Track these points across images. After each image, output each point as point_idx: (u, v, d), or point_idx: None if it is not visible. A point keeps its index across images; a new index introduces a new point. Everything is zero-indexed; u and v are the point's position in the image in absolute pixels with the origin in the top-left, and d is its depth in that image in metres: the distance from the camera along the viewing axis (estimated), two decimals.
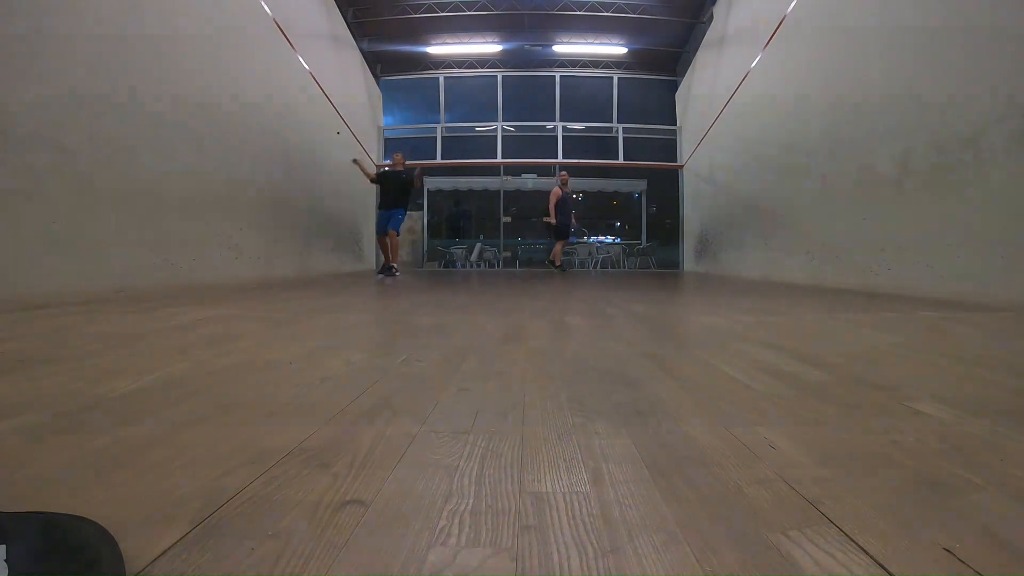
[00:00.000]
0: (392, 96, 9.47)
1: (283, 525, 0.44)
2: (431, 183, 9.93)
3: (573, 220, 6.93)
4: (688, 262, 8.55)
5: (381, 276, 5.48)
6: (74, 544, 0.36)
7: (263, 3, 4.50)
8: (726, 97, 6.26)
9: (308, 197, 5.68)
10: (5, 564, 0.30)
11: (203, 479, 0.52)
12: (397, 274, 5.54)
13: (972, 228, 2.80)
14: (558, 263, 6.84)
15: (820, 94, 4.32)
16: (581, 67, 9.41)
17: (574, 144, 9.37)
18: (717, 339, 1.50)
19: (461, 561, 0.39)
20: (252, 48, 4.47)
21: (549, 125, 9.39)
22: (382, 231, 5.59)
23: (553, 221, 6.57)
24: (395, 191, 5.59)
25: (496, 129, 9.29)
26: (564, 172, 6.90)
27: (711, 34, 7.44)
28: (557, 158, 9.28)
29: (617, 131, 9.26)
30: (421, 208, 9.77)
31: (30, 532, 0.35)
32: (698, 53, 7.96)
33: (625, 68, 9.37)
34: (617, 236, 10.78)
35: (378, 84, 9.13)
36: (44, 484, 0.52)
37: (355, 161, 6.06)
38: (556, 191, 6.55)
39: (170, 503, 0.47)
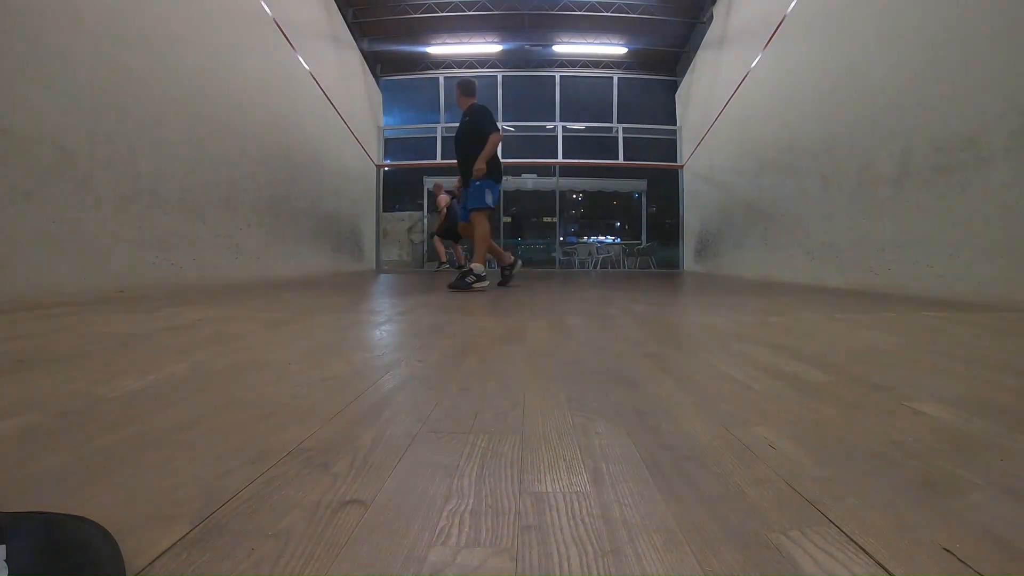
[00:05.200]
0: (392, 96, 9.47)
1: (283, 525, 0.44)
2: (431, 183, 9.93)
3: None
4: (688, 262, 8.55)
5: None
6: (74, 544, 0.36)
7: (263, 3, 4.50)
8: (726, 97, 6.26)
9: (308, 197, 5.68)
10: (5, 564, 0.30)
11: (203, 479, 0.52)
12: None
13: (972, 228, 2.80)
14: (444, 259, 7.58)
15: (820, 94, 4.32)
16: (581, 67, 9.40)
17: (574, 144, 9.37)
18: (717, 339, 1.50)
19: (461, 561, 0.39)
20: (252, 48, 4.47)
21: (549, 125, 9.39)
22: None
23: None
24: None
25: None
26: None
27: (711, 34, 7.44)
28: (557, 158, 9.28)
29: (617, 131, 9.26)
30: (421, 208, 9.78)
31: (30, 532, 0.35)
32: (698, 53, 7.96)
33: (625, 68, 9.37)
34: (617, 236, 10.79)
35: (378, 84, 9.13)
36: (44, 484, 0.52)
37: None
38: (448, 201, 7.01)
39: (170, 503, 0.47)
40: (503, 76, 9.35)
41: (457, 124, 3.69)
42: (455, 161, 3.76)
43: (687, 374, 1.03)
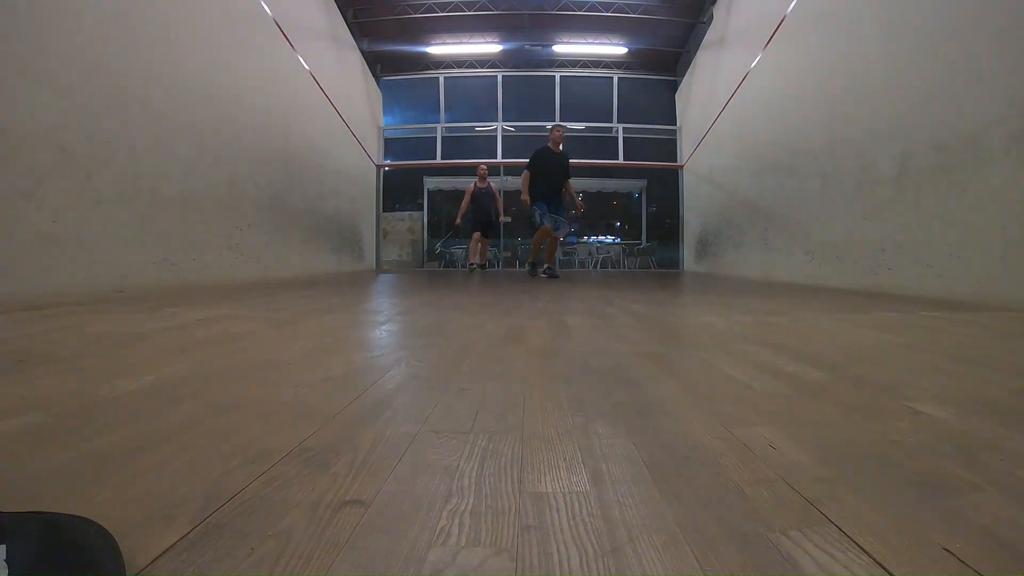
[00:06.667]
0: (392, 96, 9.47)
1: (283, 525, 0.44)
2: (431, 183, 9.93)
3: (495, 215, 6.86)
4: (688, 262, 8.55)
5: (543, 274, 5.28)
6: (74, 544, 0.36)
7: (263, 3, 4.50)
8: (726, 97, 6.26)
9: (308, 197, 5.68)
10: (5, 564, 0.30)
11: (203, 479, 0.52)
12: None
13: (972, 228, 2.80)
14: (471, 260, 6.88)
15: (820, 94, 4.32)
16: (581, 67, 9.40)
17: (574, 144, 9.36)
18: (717, 339, 1.50)
19: (461, 561, 0.39)
20: (252, 48, 4.47)
21: (549, 125, 9.37)
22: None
23: (458, 221, 6.73)
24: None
25: (496, 129, 9.28)
26: (483, 166, 6.85)
27: (711, 34, 7.44)
28: None
29: (617, 131, 9.26)
30: (421, 208, 9.78)
31: (30, 532, 0.35)
32: (698, 53, 7.96)
33: (625, 68, 9.37)
34: (617, 236, 10.79)
35: (378, 84, 9.12)
36: (44, 484, 0.52)
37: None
38: (471, 187, 6.65)
39: (170, 503, 0.47)
40: (503, 76, 9.34)
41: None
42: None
43: (687, 374, 1.03)
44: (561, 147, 5.24)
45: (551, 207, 5.15)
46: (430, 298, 2.90)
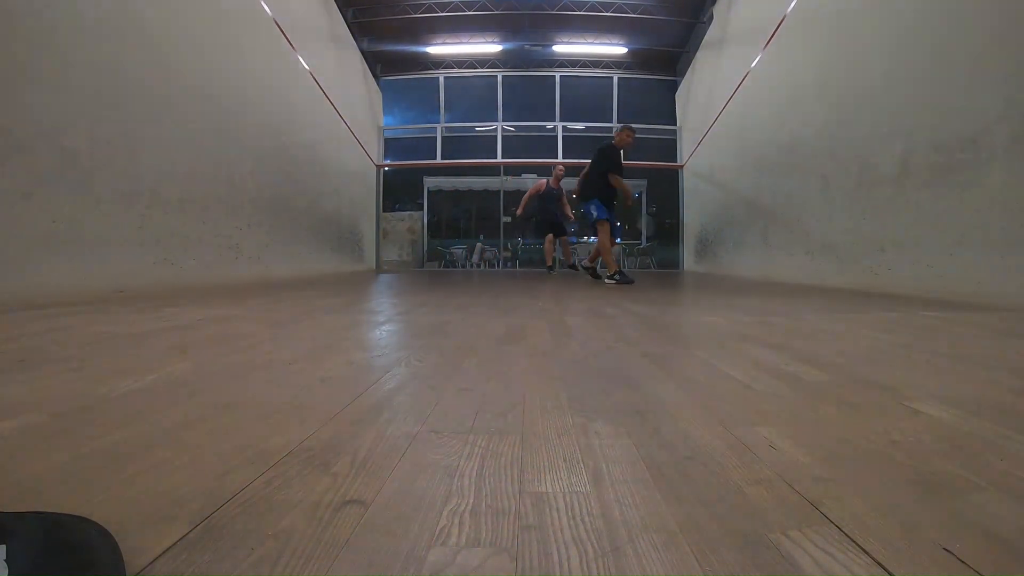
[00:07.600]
0: (392, 96, 9.47)
1: (283, 525, 0.44)
2: (431, 183, 9.93)
3: (564, 215, 6.34)
4: (688, 262, 8.55)
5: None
6: (74, 544, 0.36)
7: (263, 3, 4.50)
8: (726, 97, 6.26)
9: (308, 197, 5.68)
10: (5, 564, 0.30)
11: (203, 479, 0.52)
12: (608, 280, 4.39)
13: (972, 228, 2.80)
14: (548, 263, 6.60)
15: (820, 94, 4.32)
16: (581, 67, 9.40)
17: (574, 144, 9.37)
18: (717, 339, 1.50)
19: (461, 561, 0.39)
20: (252, 48, 4.47)
21: (549, 125, 9.38)
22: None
23: (519, 212, 6.35)
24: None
25: (496, 129, 9.28)
26: (560, 167, 6.34)
27: (711, 34, 7.44)
28: (557, 158, 9.28)
29: (617, 131, 9.27)
30: (421, 208, 9.78)
31: (30, 532, 0.35)
32: (698, 53, 7.96)
33: (625, 68, 9.37)
34: (617, 236, 10.81)
35: (378, 84, 9.13)
36: (44, 484, 0.52)
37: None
38: (540, 183, 6.23)
39: (170, 503, 0.47)
40: (503, 76, 9.35)
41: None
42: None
43: (687, 374, 1.03)
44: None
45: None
46: (430, 298, 2.90)
